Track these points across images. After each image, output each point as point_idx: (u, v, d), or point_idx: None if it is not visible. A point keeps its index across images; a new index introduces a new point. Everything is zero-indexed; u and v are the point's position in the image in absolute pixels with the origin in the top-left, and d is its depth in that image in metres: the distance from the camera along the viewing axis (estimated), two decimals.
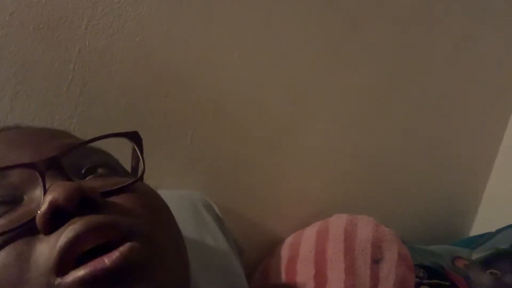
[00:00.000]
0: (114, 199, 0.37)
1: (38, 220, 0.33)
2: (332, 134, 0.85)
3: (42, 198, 0.34)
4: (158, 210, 0.40)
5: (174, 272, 0.36)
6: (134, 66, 0.66)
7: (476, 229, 1.05)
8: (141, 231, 0.35)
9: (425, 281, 0.75)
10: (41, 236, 0.33)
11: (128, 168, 0.45)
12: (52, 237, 0.32)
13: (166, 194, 0.43)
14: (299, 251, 0.73)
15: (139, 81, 0.67)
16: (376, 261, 0.68)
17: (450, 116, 0.98)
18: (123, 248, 0.32)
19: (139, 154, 0.42)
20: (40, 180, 0.35)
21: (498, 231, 0.91)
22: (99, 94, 0.64)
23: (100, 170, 0.41)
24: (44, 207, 0.33)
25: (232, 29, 0.72)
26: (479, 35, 0.96)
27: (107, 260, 0.31)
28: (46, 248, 0.32)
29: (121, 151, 0.44)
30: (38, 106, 0.61)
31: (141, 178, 0.41)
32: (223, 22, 0.71)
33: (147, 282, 0.32)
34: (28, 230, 0.33)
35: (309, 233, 0.75)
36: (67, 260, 0.31)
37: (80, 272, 0.31)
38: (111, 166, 0.42)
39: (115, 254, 0.31)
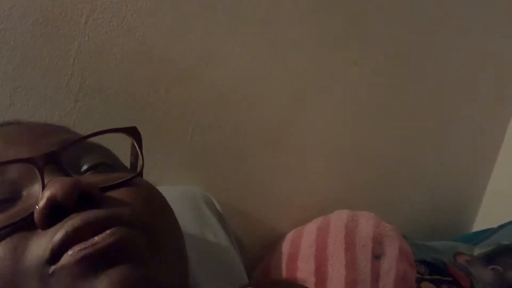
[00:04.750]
0: (113, 194, 0.36)
1: (36, 216, 0.33)
2: (333, 129, 0.85)
3: (41, 194, 0.34)
4: (157, 205, 0.40)
5: (171, 266, 0.36)
6: (134, 61, 0.66)
7: (478, 225, 1.05)
8: (140, 225, 0.35)
9: (427, 277, 0.75)
10: (39, 231, 0.33)
11: (128, 163, 0.44)
12: (50, 231, 0.32)
13: (167, 190, 0.43)
14: (300, 247, 0.73)
15: (139, 77, 0.67)
16: (377, 256, 0.68)
17: (452, 111, 0.97)
18: (116, 228, 0.32)
19: (138, 150, 0.41)
20: (38, 175, 0.35)
21: (500, 227, 0.91)
22: (98, 89, 0.64)
23: (98, 166, 0.40)
24: (42, 202, 0.33)
25: (233, 25, 0.72)
26: (481, 32, 0.95)
27: (97, 238, 0.31)
28: (43, 242, 0.32)
29: (120, 146, 0.44)
30: (38, 101, 0.61)
31: (140, 173, 0.41)
32: (224, 17, 0.71)
33: (139, 266, 0.32)
34: (26, 225, 0.33)
35: (310, 229, 0.75)
36: (63, 253, 0.31)
37: (71, 251, 0.31)
38: (110, 161, 0.42)
39: (105, 233, 0.31)
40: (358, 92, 0.85)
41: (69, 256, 0.31)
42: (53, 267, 0.31)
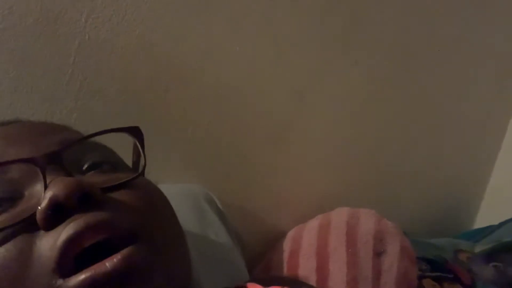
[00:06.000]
0: (115, 195, 0.36)
1: (38, 216, 0.33)
2: (334, 127, 0.85)
3: (43, 194, 0.33)
4: (159, 206, 0.40)
5: (176, 269, 0.36)
6: (134, 60, 0.66)
7: (479, 222, 1.05)
8: (142, 229, 0.34)
9: (428, 274, 0.75)
10: (41, 232, 0.33)
11: (129, 163, 0.44)
12: (52, 233, 0.32)
13: (167, 188, 0.43)
14: (301, 244, 0.73)
15: (139, 75, 0.67)
16: (378, 254, 0.68)
17: (453, 108, 0.97)
18: (125, 251, 0.32)
19: (140, 150, 0.41)
20: (40, 175, 0.35)
21: (501, 224, 0.91)
22: (99, 88, 0.64)
23: (100, 165, 0.40)
24: (44, 203, 0.33)
25: (233, 23, 0.72)
26: (482, 31, 0.95)
27: (108, 264, 0.31)
28: (47, 246, 0.32)
29: (122, 145, 0.44)
30: (38, 101, 0.61)
31: (142, 173, 0.41)
32: (224, 15, 0.71)
33: (148, 284, 0.32)
34: (28, 226, 0.33)
35: (311, 227, 0.75)
36: (68, 257, 0.31)
37: (81, 276, 0.31)
38: (112, 161, 0.42)
39: (116, 258, 0.31)
40: (358, 90, 0.85)
41: (78, 280, 0.30)
42: (61, 281, 0.31)
